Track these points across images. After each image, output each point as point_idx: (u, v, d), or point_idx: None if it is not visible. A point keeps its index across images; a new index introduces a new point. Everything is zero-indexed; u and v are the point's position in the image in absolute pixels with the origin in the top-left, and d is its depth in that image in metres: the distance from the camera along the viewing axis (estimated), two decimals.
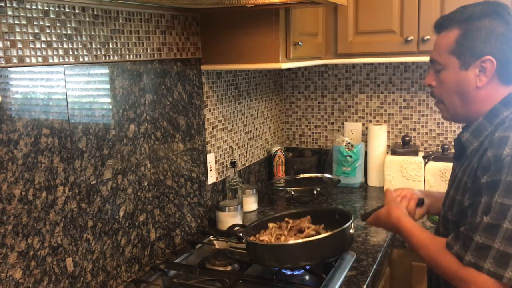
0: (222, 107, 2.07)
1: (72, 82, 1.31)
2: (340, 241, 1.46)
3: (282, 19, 1.75)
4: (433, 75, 1.26)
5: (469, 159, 1.19)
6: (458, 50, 1.18)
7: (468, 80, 1.19)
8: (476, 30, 1.15)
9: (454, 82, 1.21)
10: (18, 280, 1.18)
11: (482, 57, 1.16)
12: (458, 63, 1.19)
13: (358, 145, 2.46)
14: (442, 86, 1.24)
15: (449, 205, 1.25)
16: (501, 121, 1.16)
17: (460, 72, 1.19)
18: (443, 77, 1.23)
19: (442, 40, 1.22)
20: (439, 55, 1.22)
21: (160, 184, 1.68)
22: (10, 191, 1.15)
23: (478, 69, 1.17)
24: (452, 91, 1.22)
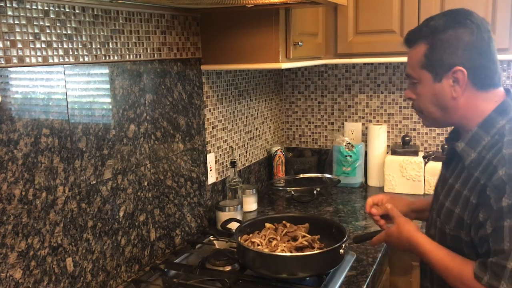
0: (222, 107, 2.07)
1: (72, 82, 1.31)
2: (328, 259, 1.44)
3: (282, 19, 1.75)
4: (411, 89, 1.27)
5: (469, 171, 1.17)
6: (429, 64, 1.19)
7: (443, 92, 1.20)
8: (442, 42, 1.17)
9: (430, 94, 1.22)
10: (18, 280, 1.18)
11: (452, 68, 1.16)
12: (431, 77, 1.20)
13: (358, 145, 2.46)
14: (420, 98, 1.25)
15: (446, 218, 1.22)
16: (498, 130, 1.15)
17: (434, 85, 1.20)
18: (419, 91, 1.24)
19: (412, 55, 1.23)
20: (413, 70, 1.24)
21: (160, 184, 1.68)
22: (10, 191, 1.15)
23: (451, 80, 1.18)
24: (430, 103, 1.23)
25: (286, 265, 1.42)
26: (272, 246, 1.51)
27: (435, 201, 1.33)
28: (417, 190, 2.29)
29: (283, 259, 1.42)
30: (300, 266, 1.42)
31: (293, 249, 1.50)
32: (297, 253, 1.45)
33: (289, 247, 1.51)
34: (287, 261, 1.42)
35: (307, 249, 1.50)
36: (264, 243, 1.54)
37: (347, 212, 2.12)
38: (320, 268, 1.44)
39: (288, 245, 1.52)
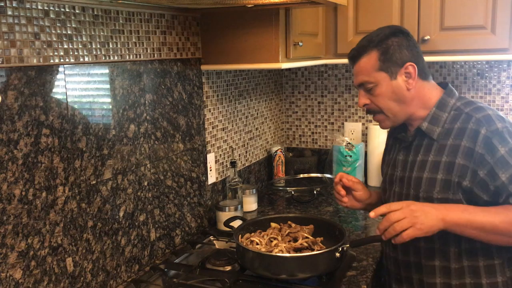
0: (222, 107, 2.07)
1: (72, 82, 1.31)
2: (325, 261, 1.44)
3: (282, 19, 1.75)
4: (364, 95, 1.46)
5: (439, 143, 1.38)
6: (384, 65, 1.40)
7: (399, 86, 1.41)
8: (390, 46, 1.39)
9: (389, 91, 1.41)
10: (18, 280, 1.18)
11: (404, 64, 1.39)
12: (387, 76, 1.40)
13: (358, 145, 2.46)
14: (378, 99, 1.43)
15: (429, 186, 1.37)
16: (451, 107, 1.40)
17: (391, 82, 1.40)
18: (378, 92, 1.42)
19: (365, 64, 1.43)
20: (368, 76, 1.42)
21: (160, 184, 1.68)
22: (10, 191, 1.15)
23: (404, 75, 1.40)
24: (389, 100, 1.42)
25: (283, 266, 1.41)
26: (272, 246, 1.51)
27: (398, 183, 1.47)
28: None
29: (280, 259, 1.42)
30: (297, 266, 1.42)
31: (291, 249, 1.50)
32: (293, 254, 1.45)
33: (288, 247, 1.51)
34: (284, 262, 1.42)
35: (306, 251, 1.50)
36: (264, 243, 1.54)
37: (347, 212, 2.12)
38: (318, 269, 1.44)
39: (288, 245, 1.52)
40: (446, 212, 1.27)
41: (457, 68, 2.38)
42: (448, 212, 1.27)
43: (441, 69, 2.40)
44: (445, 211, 1.27)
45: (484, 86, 2.35)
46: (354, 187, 1.58)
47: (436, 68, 2.41)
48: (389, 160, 1.56)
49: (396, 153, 1.52)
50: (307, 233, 1.60)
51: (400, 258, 1.46)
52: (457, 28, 1.99)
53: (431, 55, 2.05)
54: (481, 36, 1.95)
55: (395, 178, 1.49)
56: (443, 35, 2.01)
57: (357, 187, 1.58)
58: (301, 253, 1.46)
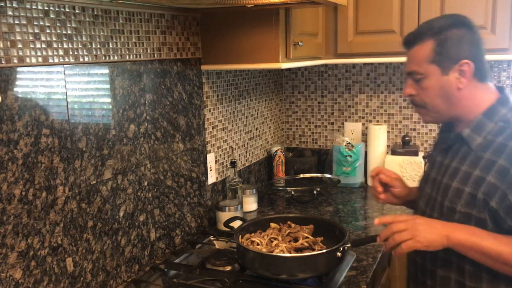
0: (222, 107, 2.07)
1: (72, 82, 1.31)
2: (326, 261, 1.44)
3: (282, 19, 1.75)
4: (412, 85, 1.36)
5: (476, 154, 1.27)
6: (437, 58, 1.29)
7: (450, 83, 1.29)
8: (449, 39, 1.28)
9: (437, 87, 1.31)
10: (18, 280, 1.18)
11: (459, 61, 1.27)
12: (439, 70, 1.29)
13: (358, 145, 2.46)
14: (424, 92, 1.33)
15: (455, 197, 1.28)
16: (500, 118, 1.27)
17: (442, 77, 1.30)
18: (426, 85, 1.32)
19: (418, 52, 1.32)
20: (418, 66, 1.32)
21: (160, 184, 1.68)
22: (10, 191, 1.15)
23: (457, 73, 1.28)
24: (436, 96, 1.32)
25: (283, 266, 1.41)
26: (272, 246, 1.51)
27: (431, 184, 1.40)
28: None
29: (281, 260, 1.42)
30: (298, 266, 1.42)
31: (292, 249, 1.50)
32: (294, 254, 1.45)
33: (289, 247, 1.51)
34: (284, 262, 1.42)
35: (307, 251, 1.50)
36: (264, 243, 1.54)
37: (347, 212, 2.12)
38: (318, 269, 1.44)
39: (289, 245, 1.52)
40: (453, 231, 1.23)
41: None
42: (454, 231, 1.23)
43: None
44: (452, 229, 1.24)
45: None
46: (392, 184, 1.52)
47: None
48: (431, 157, 1.50)
49: (437, 152, 1.44)
50: (307, 233, 1.60)
51: (418, 261, 1.42)
52: None
53: None
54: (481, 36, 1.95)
55: (429, 179, 1.42)
56: None
57: (395, 183, 1.51)
58: (302, 253, 1.46)
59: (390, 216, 1.34)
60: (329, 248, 1.44)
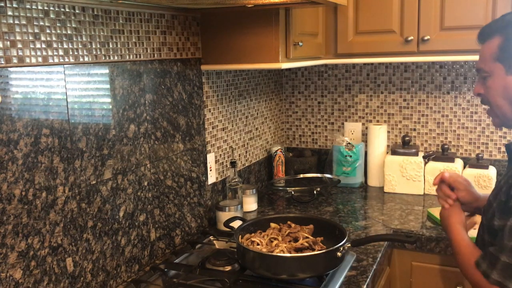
0: (222, 107, 2.07)
1: (72, 82, 1.31)
2: (326, 261, 1.44)
3: (282, 19, 1.75)
4: (481, 84, 1.28)
5: None
6: (502, 56, 1.20)
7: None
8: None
9: (501, 87, 1.22)
10: (18, 280, 1.18)
11: None
12: (503, 69, 1.21)
13: (358, 145, 2.46)
14: (489, 92, 1.26)
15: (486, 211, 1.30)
16: None
17: (506, 77, 1.21)
18: (490, 84, 1.25)
19: (486, 49, 1.25)
20: (484, 63, 1.25)
21: (160, 184, 1.68)
22: (10, 191, 1.15)
23: None
24: (500, 96, 1.24)
25: (284, 266, 1.41)
26: (272, 246, 1.51)
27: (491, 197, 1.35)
28: (417, 190, 2.29)
29: (281, 260, 1.42)
30: (298, 266, 1.42)
31: (292, 250, 1.50)
32: (294, 254, 1.45)
33: (289, 247, 1.51)
34: (285, 262, 1.42)
35: (307, 251, 1.50)
36: (264, 243, 1.54)
37: (347, 212, 2.12)
38: (318, 269, 1.44)
39: (289, 245, 1.52)
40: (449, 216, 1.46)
41: (457, 68, 2.38)
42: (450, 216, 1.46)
43: (441, 69, 2.40)
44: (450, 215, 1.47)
45: None
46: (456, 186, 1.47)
47: (436, 68, 2.41)
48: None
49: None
50: (307, 233, 1.60)
51: None
52: (457, 28, 1.99)
53: (431, 55, 2.05)
54: None
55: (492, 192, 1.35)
56: (443, 35, 2.01)
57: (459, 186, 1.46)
58: (302, 253, 1.46)
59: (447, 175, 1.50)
60: (329, 248, 1.44)
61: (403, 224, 1.94)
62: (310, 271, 1.43)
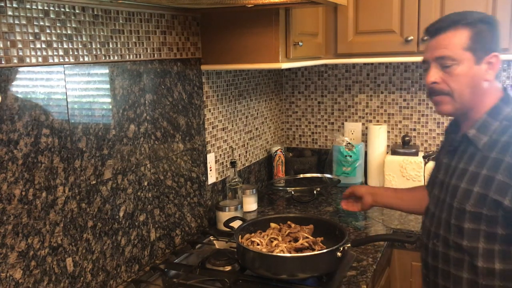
0: (222, 107, 2.07)
1: (72, 82, 1.31)
2: (326, 261, 1.44)
3: (282, 19, 1.75)
4: (437, 72, 1.34)
5: (483, 154, 1.29)
6: (473, 47, 1.29)
7: (480, 74, 1.31)
8: (485, 31, 1.30)
9: (469, 75, 1.31)
10: (18, 280, 1.18)
11: (491, 53, 1.30)
12: (473, 58, 1.30)
13: (358, 145, 2.46)
14: (454, 79, 1.32)
15: (464, 198, 1.30)
16: (505, 117, 1.30)
17: (474, 66, 1.31)
18: (457, 71, 1.31)
19: (451, 39, 1.32)
20: (452, 51, 1.31)
21: (160, 184, 1.68)
22: (10, 191, 1.15)
23: (486, 64, 1.31)
24: (465, 84, 1.32)
25: (284, 266, 1.41)
26: (272, 246, 1.51)
27: (438, 186, 1.42)
28: None
29: (281, 260, 1.42)
30: (298, 266, 1.42)
31: (292, 250, 1.50)
32: (294, 254, 1.45)
33: (289, 247, 1.51)
34: (285, 262, 1.42)
35: (307, 251, 1.50)
36: (264, 243, 1.54)
37: (347, 212, 2.11)
38: (318, 269, 1.44)
39: (289, 245, 1.52)
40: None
41: None
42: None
43: None
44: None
45: None
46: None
47: None
48: (437, 159, 1.51)
49: (443, 154, 1.46)
50: (307, 233, 1.60)
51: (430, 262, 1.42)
52: None
53: None
54: None
55: (437, 181, 1.44)
56: None
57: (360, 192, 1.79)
58: (302, 253, 1.46)
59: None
60: (329, 248, 1.44)
61: (403, 224, 1.94)
62: (310, 271, 1.43)
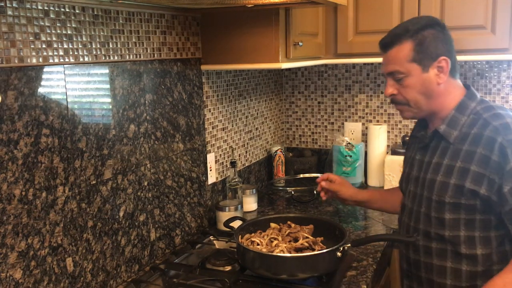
0: (222, 107, 2.07)
1: (72, 82, 1.31)
2: (326, 261, 1.44)
3: (282, 19, 1.75)
4: (393, 85, 1.43)
5: (455, 147, 1.37)
6: (417, 57, 1.37)
7: (430, 80, 1.39)
8: (426, 38, 1.37)
9: (419, 84, 1.39)
10: (18, 280, 1.18)
11: (437, 58, 1.37)
12: (419, 68, 1.38)
13: (358, 145, 2.46)
14: (406, 90, 1.41)
15: (441, 190, 1.37)
16: (471, 111, 1.38)
17: (423, 74, 1.38)
18: (407, 83, 1.40)
19: (397, 53, 1.40)
20: (399, 65, 1.40)
21: (160, 184, 1.68)
22: (10, 191, 1.15)
23: (436, 69, 1.38)
24: (418, 92, 1.40)
25: (284, 266, 1.41)
26: (272, 246, 1.51)
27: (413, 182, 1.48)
28: None
29: (281, 260, 1.42)
30: (298, 266, 1.42)
31: (292, 250, 1.50)
32: (294, 254, 1.45)
33: (289, 247, 1.51)
34: (285, 262, 1.42)
35: (307, 251, 1.50)
36: (264, 243, 1.54)
37: (347, 212, 2.12)
38: (318, 269, 1.44)
39: (289, 245, 1.52)
40: None
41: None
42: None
43: None
44: None
45: (484, 86, 2.35)
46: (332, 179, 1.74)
47: None
48: (407, 158, 1.59)
49: (415, 152, 1.52)
50: (307, 233, 1.60)
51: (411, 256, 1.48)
52: (457, 28, 1.98)
53: None
54: (481, 36, 1.95)
55: (411, 177, 1.50)
56: None
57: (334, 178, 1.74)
58: (302, 253, 1.46)
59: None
60: (329, 248, 1.44)
61: None
62: (310, 271, 1.43)
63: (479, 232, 1.34)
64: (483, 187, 1.30)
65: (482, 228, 1.34)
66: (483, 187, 1.30)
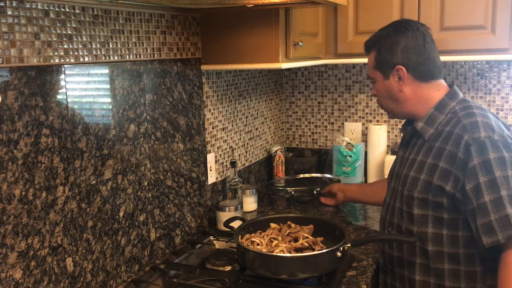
0: (222, 107, 2.07)
1: (72, 82, 1.31)
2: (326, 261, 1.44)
3: (282, 19, 1.75)
4: (373, 88, 1.54)
5: (429, 144, 1.42)
6: (378, 65, 1.47)
7: (392, 86, 1.47)
8: (382, 47, 1.45)
9: (384, 90, 1.49)
10: (18, 280, 1.18)
11: (395, 67, 1.44)
12: (381, 75, 1.47)
13: (358, 145, 2.46)
14: (378, 94, 1.52)
15: (412, 185, 1.42)
16: (449, 110, 1.41)
17: (385, 81, 1.47)
18: (377, 88, 1.51)
19: (368, 60, 1.52)
20: (370, 72, 1.52)
21: (160, 184, 1.68)
22: (10, 191, 1.15)
23: (396, 76, 1.45)
24: (384, 97, 1.50)
25: (284, 266, 1.41)
26: (272, 246, 1.51)
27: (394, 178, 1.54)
28: None
29: (281, 260, 1.42)
30: (298, 266, 1.42)
31: (292, 250, 1.50)
32: (294, 254, 1.45)
33: (289, 247, 1.51)
34: (285, 262, 1.42)
35: (307, 251, 1.50)
36: (264, 243, 1.54)
37: (347, 212, 2.12)
38: (318, 269, 1.44)
39: (289, 245, 1.52)
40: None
41: (457, 68, 2.38)
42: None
43: None
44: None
45: (484, 86, 2.35)
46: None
47: None
48: (395, 154, 1.64)
49: (399, 148, 1.60)
50: (307, 233, 1.60)
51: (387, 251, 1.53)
52: (457, 28, 1.99)
53: None
54: (481, 36, 1.95)
55: (394, 173, 1.56)
56: (443, 35, 2.01)
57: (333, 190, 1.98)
58: (302, 253, 1.46)
59: None
60: (329, 248, 1.44)
61: None
62: (310, 271, 1.43)
63: (447, 230, 1.36)
64: (449, 183, 1.32)
65: (449, 227, 1.36)
66: (449, 184, 1.32)
